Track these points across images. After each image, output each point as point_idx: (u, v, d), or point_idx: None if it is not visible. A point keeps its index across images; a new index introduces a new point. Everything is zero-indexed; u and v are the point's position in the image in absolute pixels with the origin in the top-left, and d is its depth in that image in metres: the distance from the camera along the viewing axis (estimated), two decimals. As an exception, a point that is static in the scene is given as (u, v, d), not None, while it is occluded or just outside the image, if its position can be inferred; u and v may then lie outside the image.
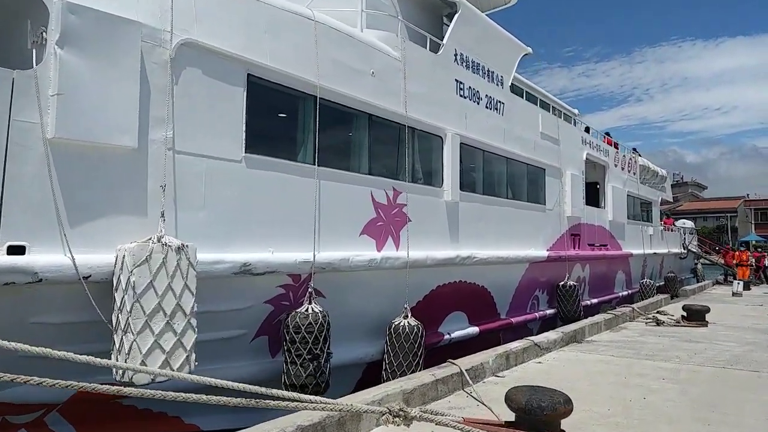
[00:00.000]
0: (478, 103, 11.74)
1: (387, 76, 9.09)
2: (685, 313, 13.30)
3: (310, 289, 7.16)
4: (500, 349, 8.38)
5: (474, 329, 11.30)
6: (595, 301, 17.67)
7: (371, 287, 8.66)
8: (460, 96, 11.13)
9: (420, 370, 8.30)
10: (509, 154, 12.94)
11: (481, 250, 11.41)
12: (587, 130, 20.45)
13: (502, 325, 12.50)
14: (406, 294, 8.70)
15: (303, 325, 6.75)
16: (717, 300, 19.80)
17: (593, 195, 20.08)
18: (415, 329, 8.26)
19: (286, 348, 6.85)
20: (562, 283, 14.78)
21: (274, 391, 4.12)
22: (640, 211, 23.69)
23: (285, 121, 7.68)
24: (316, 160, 7.53)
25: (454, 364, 7.24)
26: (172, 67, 5.87)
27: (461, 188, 10.92)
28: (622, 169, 21.49)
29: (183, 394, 3.56)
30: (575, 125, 18.91)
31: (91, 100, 5.28)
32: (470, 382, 6.88)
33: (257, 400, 3.79)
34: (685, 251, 30.84)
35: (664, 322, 13.15)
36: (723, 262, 32.98)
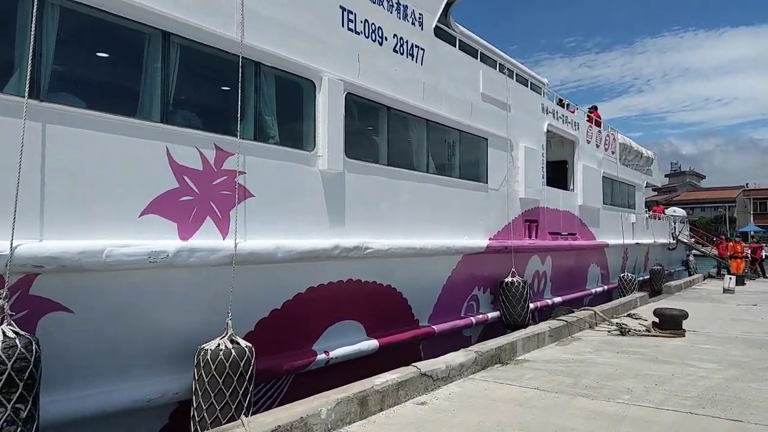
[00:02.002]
0: (380, 44, 8.85)
1: (205, -17, 6.20)
2: (657, 319, 10.49)
3: (1, 302, 4.30)
4: (354, 387, 5.55)
5: (371, 343, 8.48)
6: (559, 299, 14.87)
7: (172, 294, 5.84)
8: (349, 30, 8.23)
9: (248, 414, 5.52)
10: (431, 116, 10.06)
11: (382, 238, 8.57)
12: (561, 103, 17.63)
13: (419, 335, 9.67)
14: (230, 302, 5.86)
15: (-44, 364, 3.92)
16: (705, 298, 17.00)
17: (561, 175, 17.28)
18: (221, 356, 5.43)
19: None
20: (506, 279, 11.93)
21: None
22: (620, 195, 20.80)
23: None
24: (26, 91, 4.65)
25: (242, 425, 4.42)
26: None
27: (349, 155, 8.06)
28: (597, 146, 18.61)
29: None
30: (543, 96, 16.03)
31: None
32: (251, 459, 4.06)
33: None
34: (674, 241, 28.02)
35: (630, 330, 10.34)
36: (716, 253, 30.12)
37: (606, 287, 18.59)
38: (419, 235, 9.56)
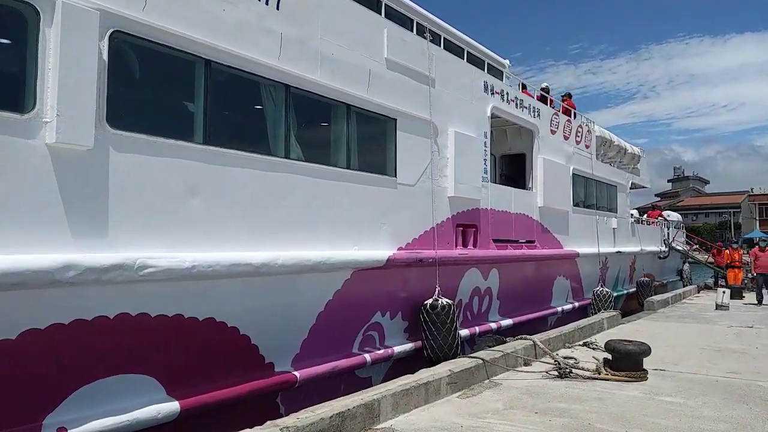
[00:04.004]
0: (191, -29, 6.15)
1: None
2: (609, 356, 7.71)
3: None
4: None
5: (164, 408, 5.71)
6: (509, 322, 12.10)
7: None
8: (124, -59, 5.54)
9: None
10: (296, 81, 7.37)
11: (192, 250, 5.87)
12: (523, 87, 14.96)
13: (268, 385, 6.89)
14: None
15: None
16: (692, 317, 14.19)
17: (520, 172, 14.57)
18: None
19: None
20: (431, 302, 9.17)
21: None
22: (597, 197, 17.97)
23: None
24: None
25: None
26: None
27: (116, 125, 5.35)
28: (566, 138, 15.83)
29: None
30: (505, 81, 13.36)
31: None
32: None
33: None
34: (666, 249, 25.08)
35: (571, 372, 7.56)
36: (713, 261, 27.19)
37: (577, 303, 15.77)
38: (273, 245, 6.86)
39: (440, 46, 10.73)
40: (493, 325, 11.54)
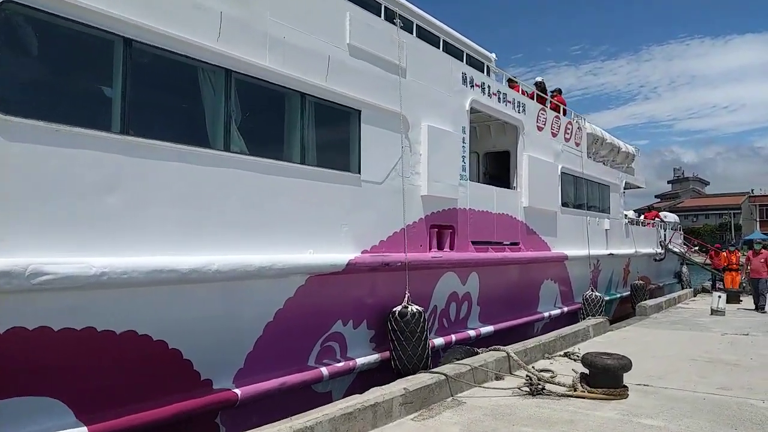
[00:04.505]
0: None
1: None
2: (587, 371, 6.98)
3: None
4: None
5: (74, 432, 5.00)
6: (490, 328, 11.36)
7: None
8: None
9: None
10: (239, 66, 6.66)
11: (102, 256, 5.16)
12: (511, 82, 14.27)
13: (203, 405, 6.15)
14: None
15: None
16: (685, 323, 13.45)
17: (505, 171, 13.86)
18: None
19: None
20: (400, 309, 8.45)
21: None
22: (589, 197, 17.22)
23: None
24: None
25: None
26: None
27: (12, 110, 4.64)
28: (554, 135, 15.09)
29: None
30: (489, 75, 12.65)
31: None
32: None
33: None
34: (662, 251, 24.30)
35: (543, 388, 6.83)
36: (711, 264, 26.44)
37: (566, 308, 15.01)
38: (211, 249, 6.15)
39: (412, 33, 10.00)
40: (472, 333, 10.81)
